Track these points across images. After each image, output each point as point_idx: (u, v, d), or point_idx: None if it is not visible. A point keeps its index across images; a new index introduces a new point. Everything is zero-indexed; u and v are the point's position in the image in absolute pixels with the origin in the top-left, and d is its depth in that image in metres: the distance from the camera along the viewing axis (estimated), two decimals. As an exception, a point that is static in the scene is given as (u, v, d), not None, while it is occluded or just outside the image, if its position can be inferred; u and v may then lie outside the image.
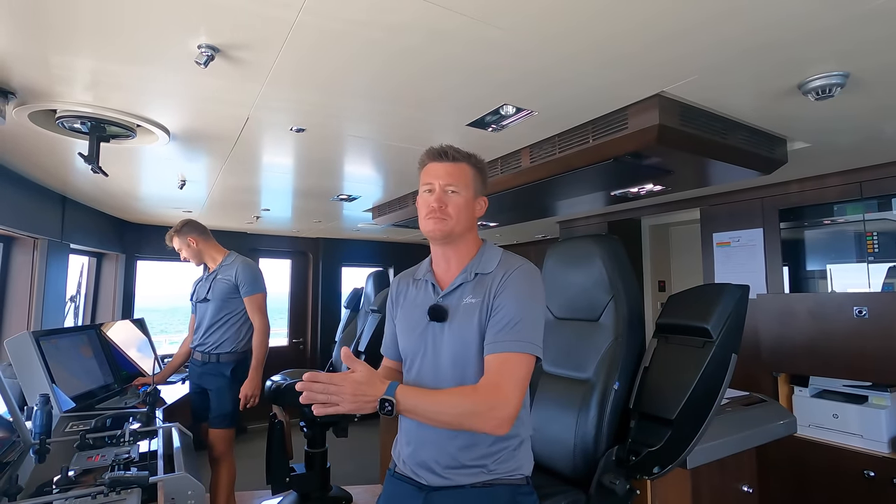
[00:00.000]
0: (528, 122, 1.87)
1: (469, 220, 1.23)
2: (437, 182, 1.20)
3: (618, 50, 1.33)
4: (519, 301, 1.13)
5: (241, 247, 4.91)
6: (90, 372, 2.75)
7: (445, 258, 1.26)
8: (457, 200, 1.20)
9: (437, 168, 1.22)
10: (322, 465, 3.21)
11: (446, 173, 1.21)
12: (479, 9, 1.14)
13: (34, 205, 2.89)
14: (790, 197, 2.87)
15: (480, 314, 1.15)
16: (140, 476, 1.52)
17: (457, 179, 1.21)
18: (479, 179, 1.25)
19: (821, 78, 1.46)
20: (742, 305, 1.46)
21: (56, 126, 1.84)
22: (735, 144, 1.90)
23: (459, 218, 1.20)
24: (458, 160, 1.22)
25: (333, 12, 1.15)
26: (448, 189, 1.20)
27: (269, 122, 1.89)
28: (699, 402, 1.40)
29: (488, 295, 1.16)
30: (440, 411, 1.06)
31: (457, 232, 1.21)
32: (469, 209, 1.22)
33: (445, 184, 1.20)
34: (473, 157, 1.26)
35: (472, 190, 1.23)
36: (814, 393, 2.74)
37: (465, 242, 1.25)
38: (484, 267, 1.22)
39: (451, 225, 1.19)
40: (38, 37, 1.28)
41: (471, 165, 1.24)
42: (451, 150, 1.23)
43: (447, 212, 1.19)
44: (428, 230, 1.21)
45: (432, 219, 1.19)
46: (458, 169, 1.22)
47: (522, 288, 1.15)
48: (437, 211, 1.19)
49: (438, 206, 1.19)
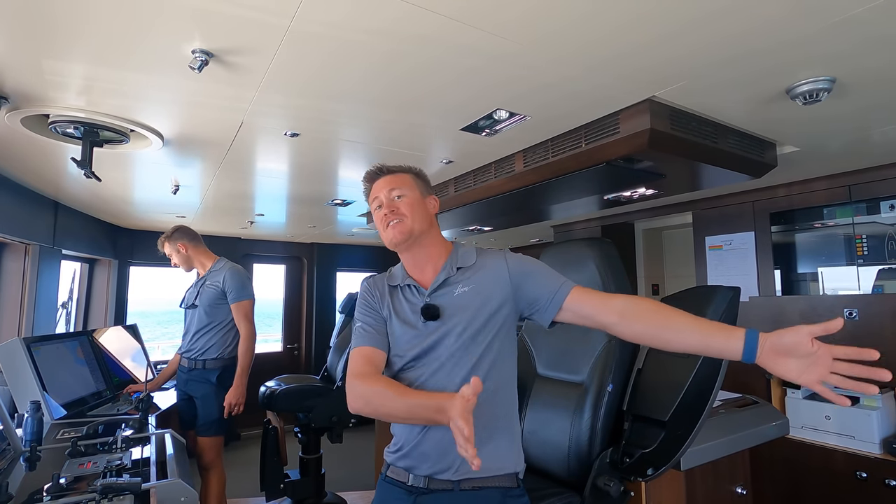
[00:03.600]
0: (521, 126, 1.89)
1: (425, 217, 1.28)
2: (382, 194, 1.27)
3: (606, 54, 1.34)
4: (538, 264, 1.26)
5: (235, 252, 4.90)
6: (82, 379, 2.73)
7: (418, 264, 1.29)
8: (406, 201, 1.26)
9: (377, 184, 1.30)
10: (317, 471, 3.19)
11: (387, 183, 1.28)
12: (469, 14, 1.15)
13: (26, 210, 2.88)
14: (780, 200, 2.91)
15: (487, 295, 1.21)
16: (132, 483, 1.51)
17: (399, 184, 1.28)
18: (420, 182, 1.33)
19: (808, 83, 1.49)
20: (733, 307, 1.47)
21: (49, 131, 1.83)
22: (725, 148, 1.93)
23: (415, 215, 1.25)
24: (394, 171, 1.31)
25: (327, 19, 1.16)
26: (394, 195, 1.26)
27: (264, 126, 1.89)
28: (692, 403, 1.41)
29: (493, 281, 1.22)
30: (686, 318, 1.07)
31: (417, 229, 1.24)
32: (421, 207, 1.27)
33: (389, 190, 1.27)
34: (406, 166, 1.34)
35: (417, 191, 1.29)
36: (806, 395, 2.75)
37: (432, 243, 1.29)
38: (464, 261, 1.27)
39: (408, 224, 1.24)
40: (31, 42, 1.28)
41: (409, 174, 1.32)
42: (384, 166, 1.32)
43: (401, 213, 1.24)
44: (390, 238, 1.25)
45: (388, 226, 1.24)
46: (397, 177, 1.30)
47: (528, 259, 1.27)
48: (392, 215, 1.24)
49: (390, 211, 1.24)
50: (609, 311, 1.12)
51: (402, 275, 1.30)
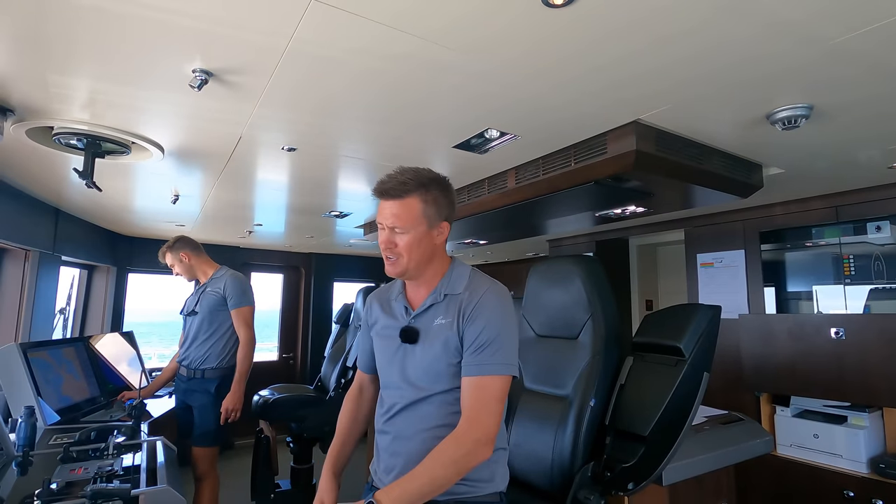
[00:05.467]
0: (512, 145, 1.94)
1: (425, 253, 1.23)
2: (385, 221, 1.21)
3: (595, 84, 1.41)
4: (493, 323, 1.16)
5: (234, 261, 4.94)
6: (76, 385, 2.75)
7: (414, 284, 1.30)
8: (405, 240, 1.19)
9: (383, 207, 1.22)
10: (307, 482, 3.20)
11: (391, 214, 1.20)
12: (465, 44, 1.21)
13: (27, 217, 2.92)
14: (770, 220, 2.96)
15: (450, 333, 1.19)
16: (122, 489, 1.53)
17: (403, 220, 1.19)
18: (432, 207, 1.21)
19: (786, 110, 1.54)
20: (714, 325, 1.51)
21: (52, 142, 1.88)
22: (711, 169, 1.98)
23: (411, 256, 1.20)
24: (401, 196, 1.19)
25: (323, 40, 1.21)
26: (395, 229, 1.20)
27: (261, 141, 1.94)
28: (672, 419, 1.44)
29: (460, 316, 1.19)
30: (436, 480, 1.06)
31: (412, 269, 1.22)
32: (422, 244, 1.21)
33: (391, 224, 1.20)
34: (423, 182, 1.21)
35: (423, 224, 1.20)
36: (795, 413, 2.77)
37: (430, 268, 1.27)
38: (453, 287, 1.25)
39: (403, 264, 1.21)
40: (38, 57, 1.33)
41: (418, 197, 1.19)
42: (393, 187, 1.19)
43: (397, 251, 1.20)
44: (386, 270, 1.24)
45: (385, 259, 1.23)
46: (403, 206, 1.19)
47: (495, 310, 1.18)
48: (388, 252, 1.21)
49: (387, 246, 1.21)
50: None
51: (398, 290, 1.34)
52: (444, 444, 1.10)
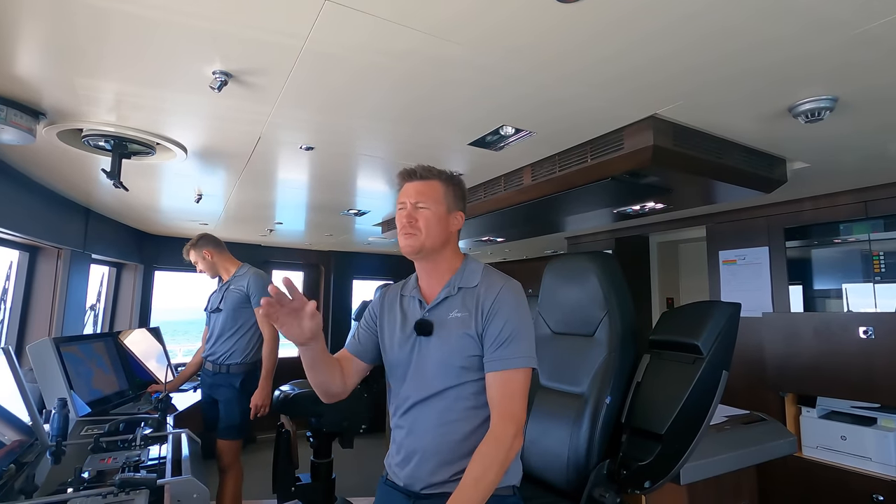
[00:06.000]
0: (527, 141, 1.94)
1: (442, 234, 1.27)
2: (408, 200, 1.27)
3: (609, 74, 1.39)
4: (512, 319, 1.19)
5: (255, 259, 5.03)
6: (106, 378, 2.85)
7: (427, 273, 1.32)
8: (426, 215, 1.25)
9: (407, 187, 1.29)
10: (327, 476, 3.24)
11: (415, 191, 1.27)
12: (476, 38, 1.21)
13: (59, 216, 3.03)
14: (795, 216, 2.87)
15: (468, 328, 1.20)
16: (148, 478, 1.59)
17: (425, 196, 1.26)
18: (451, 195, 1.29)
19: (809, 102, 1.50)
20: (733, 323, 1.48)
21: (82, 143, 1.96)
22: (732, 164, 1.94)
23: (429, 232, 1.24)
24: (427, 178, 1.28)
25: (338, 40, 1.23)
26: (417, 205, 1.25)
27: (280, 140, 1.98)
28: (689, 417, 1.42)
29: (479, 312, 1.20)
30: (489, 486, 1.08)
31: (428, 246, 1.25)
32: (441, 224, 1.26)
33: (415, 201, 1.26)
34: (445, 173, 1.31)
35: (443, 205, 1.27)
36: (822, 414, 2.70)
37: (443, 258, 1.29)
38: (467, 281, 1.27)
39: (420, 240, 1.24)
40: (67, 63, 1.39)
41: (441, 182, 1.28)
42: (420, 169, 1.29)
43: (417, 226, 1.24)
44: (401, 246, 1.27)
45: (403, 235, 1.26)
46: (428, 186, 1.27)
47: (514, 306, 1.21)
48: (408, 227, 1.24)
49: (408, 221, 1.25)
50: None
51: (413, 285, 1.35)
52: (488, 447, 1.11)
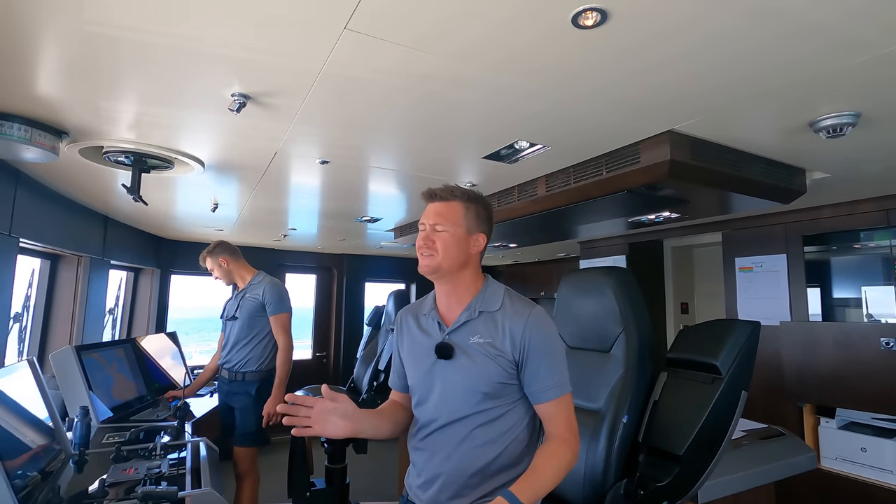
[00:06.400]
0: (542, 155, 1.93)
1: (460, 256, 1.25)
2: (427, 221, 1.27)
3: (627, 93, 1.38)
4: (550, 349, 1.21)
5: (269, 262, 5.09)
6: (126, 384, 2.90)
7: (445, 295, 1.30)
8: (444, 237, 1.23)
9: (428, 208, 1.29)
10: (342, 481, 3.27)
11: (434, 213, 1.26)
12: (495, 62, 1.22)
13: (79, 225, 3.09)
14: (814, 223, 2.83)
15: (493, 355, 1.19)
16: (169, 491, 1.62)
17: (444, 218, 1.25)
18: (472, 216, 1.27)
19: (831, 118, 1.48)
20: (753, 342, 1.46)
21: (102, 159, 1.99)
22: (750, 176, 1.91)
23: (447, 254, 1.23)
24: (447, 199, 1.27)
25: (357, 63, 1.24)
26: (436, 227, 1.25)
27: (297, 154, 2.00)
28: (708, 438, 1.41)
29: (508, 341, 1.20)
30: (555, 482, 1.12)
31: (445, 268, 1.24)
32: (459, 246, 1.24)
33: (433, 223, 1.25)
34: (468, 193, 1.29)
35: (462, 227, 1.25)
36: (841, 425, 2.66)
37: (462, 280, 1.28)
38: (488, 305, 1.25)
39: (437, 261, 1.23)
40: (89, 86, 1.41)
41: (462, 203, 1.27)
42: (441, 191, 1.28)
43: (434, 248, 1.23)
44: (419, 267, 1.26)
45: (420, 255, 1.25)
46: (447, 207, 1.26)
47: (547, 335, 1.22)
48: (424, 248, 1.24)
49: (424, 243, 1.24)
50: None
51: (430, 305, 1.34)
52: (561, 451, 1.15)
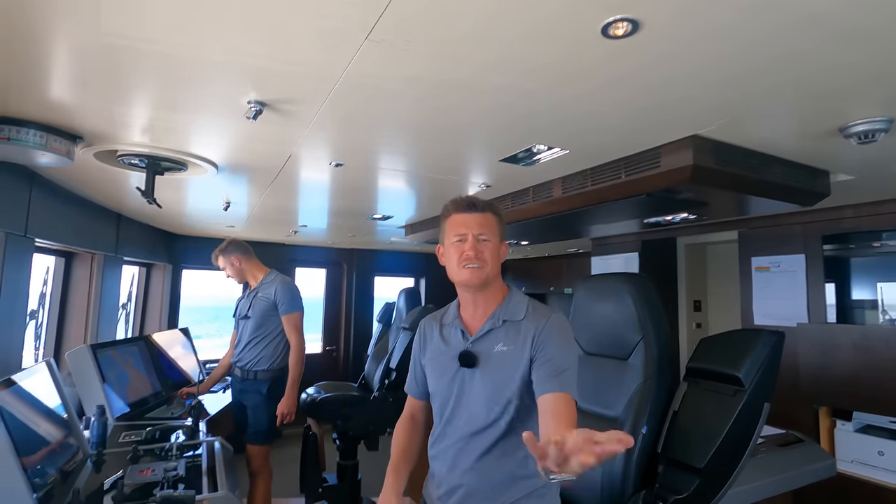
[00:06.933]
0: (559, 158, 1.90)
1: (497, 266, 1.29)
2: (470, 232, 1.26)
3: (654, 100, 1.34)
4: (563, 351, 1.20)
5: (280, 257, 5.10)
6: (141, 381, 2.93)
7: (475, 304, 1.31)
8: (490, 248, 1.26)
9: (466, 219, 1.28)
10: (353, 477, 3.30)
11: (477, 223, 1.27)
12: (523, 72, 1.19)
13: (92, 223, 3.10)
14: (834, 223, 2.77)
15: (517, 363, 1.20)
16: (187, 495, 1.63)
17: (487, 229, 1.27)
18: (501, 227, 1.32)
19: (863, 123, 1.43)
20: (776, 354, 1.43)
21: (117, 161, 1.98)
22: (773, 179, 1.86)
23: (494, 264, 1.27)
24: (485, 210, 1.30)
25: (374, 72, 1.21)
26: (480, 237, 1.26)
27: (311, 157, 1.98)
28: (729, 451, 1.39)
29: (529, 346, 1.20)
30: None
31: (491, 277, 1.27)
32: (498, 255, 1.29)
33: (478, 233, 1.26)
34: (494, 206, 1.34)
35: (498, 237, 1.30)
36: (857, 427, 2.63)
37: (492, 289, 1.30)
38: (513, 314, 1.27)
39: (487, 271, 1.25)
40: (105, 93, 1.40)
41: (493, 214, 1.31)
42: (478, 202, 1.30)
43: (483, 258, 1.24)
44: (464, 279, 1.26)
45: (469, 268, 1.24)
46: (486, 218, 1.29)
47: (563, 339, 1.22)
48: (474, 259, 1.24)
49: (475, 254, 1.24)
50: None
51: (453, 314, 1.35)
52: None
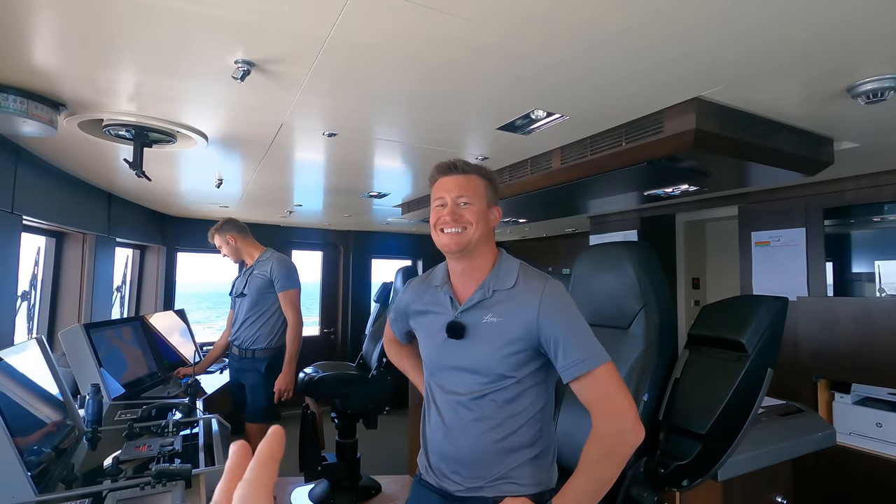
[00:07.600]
0: (558, 125, 1.85)
1: (484, 230, 1.22)
2: (449, 195, 1.21)
3: (656, 59, 1.29)
4: (570, 321, 1.14)
5: (276, 239, 5.05)
6: (136, 361, 2.90)
7: (462, 272, 1.25)
8: (473, 210, 1.20)
9: (447, 182, 1.23)
10: (352, 455, 3.31)
11: (457, 185, 1.21)
12: (513, 26, 1.13)
13: (83, 202, 3.04)
14: (836, 196, 2.74)
15: (507, 334, 1.16)
16: (183, 469, 1.61)
17: (468, 191, 1.21)
18: (490, 190, 1.25)
19: (872, 81, 1.39)
20: (780, 319, 1.41)
21: (103, 133, 1.93)
22: (777, 147, 1.83)
23: (477, 227, 1.20)
24: (467, 172, 1.23)
25: (365, 27, 1.16)
26: (460, 201, 1.20)
27: (303, 127, 1.93)
28: (732, 417, 1.37)
29: (522, 319, 1.15)
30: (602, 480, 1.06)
31: (473, 243, 1.20)
32: (483, 220, 1.22)
33: (457, 196, 1.20)
34: (482, 168, 1.26)
35: (484, 200, 1.23)
36: (856, 400, 2.64)
37: (481, 255, 1.24)
38: (502, 283, 1.21)
39: (469, 235, 1.19)
40: (86, 54, 1.34)
41: (481, 177, 1.24)
42: (460, 163, 1.24)
43: (463, 221, 1.19)
44: (443, 244, 1.21)
45: (448, 233, 1.19)
46: (469, 181, 1.22)
47: (565, 307, 1.16)
48: (451, 223, 1.19)
49: (452, 218, 1.19)
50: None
51: (442, 278, 1.29)
52: (588, 449, 1.09)
